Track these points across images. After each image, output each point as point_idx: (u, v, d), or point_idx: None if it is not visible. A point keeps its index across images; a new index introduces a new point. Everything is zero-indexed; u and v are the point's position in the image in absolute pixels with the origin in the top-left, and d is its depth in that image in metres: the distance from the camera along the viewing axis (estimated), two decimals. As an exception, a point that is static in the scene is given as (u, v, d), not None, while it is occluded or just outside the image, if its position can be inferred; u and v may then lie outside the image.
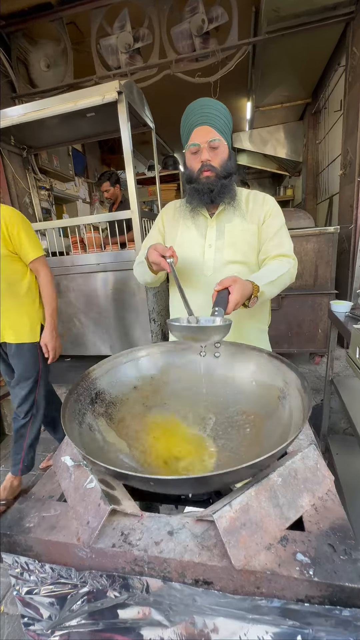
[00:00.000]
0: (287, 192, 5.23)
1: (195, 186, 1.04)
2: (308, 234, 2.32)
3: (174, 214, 1.18)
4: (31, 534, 0.49)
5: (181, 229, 1.14)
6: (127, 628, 0.50)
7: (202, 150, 0.99)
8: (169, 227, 1.17)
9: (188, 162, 1.04)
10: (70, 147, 4.06)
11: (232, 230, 1.07)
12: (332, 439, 2.14)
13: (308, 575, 0.39)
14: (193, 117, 0.98)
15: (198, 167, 1.01)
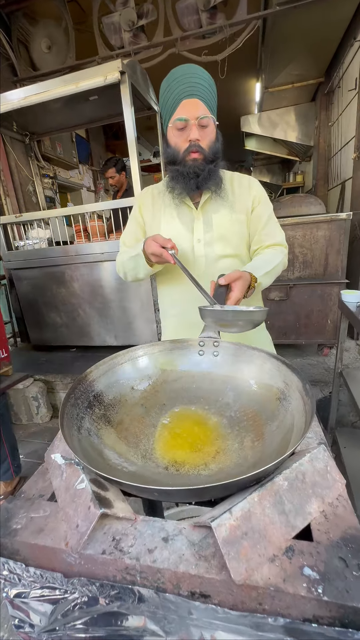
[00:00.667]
0: (297, 179, 5.05)
1: (179, 169, 0.92)
2: (318, 221, 2.22)
3: (153, 202, 1.05)
4: (17, 537, 0.46)
5: (164, 220, 1.02)
6: (120, 636, 0.47)
7: (190, 127, 0.87)
8: (149, 217, 1.05)
9: (172, 139, 0.92)
10: (74, 133, 3.97)
11: (220, 222, 0.99)
12: (340, 431, 2.10)
13: (317, 594, 0.35)
14: (180, 86, 0.85)
15: (185, 146, 0.90)
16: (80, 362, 2.79)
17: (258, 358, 0.78)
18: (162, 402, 0.79)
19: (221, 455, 0.62)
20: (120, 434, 0.67)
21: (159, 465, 0.58)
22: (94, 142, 4.77)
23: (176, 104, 0.86)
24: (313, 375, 2.44)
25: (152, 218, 1.05)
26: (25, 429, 2.53)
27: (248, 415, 0.71)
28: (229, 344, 0.83)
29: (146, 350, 0.86)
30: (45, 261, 2.72)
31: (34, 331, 3.06)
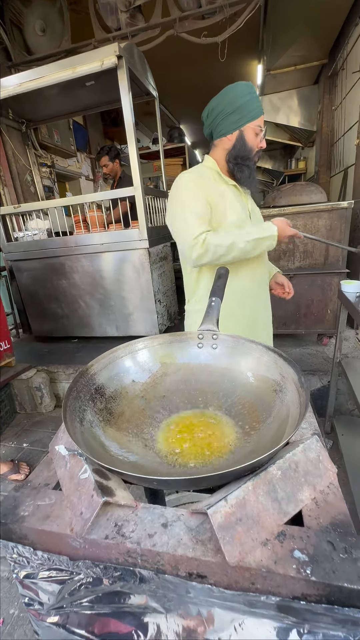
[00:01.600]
0: (299, 165, 4.96)
1: (249, 164, 1.12)
2: (319, 210, 2.20)
3: (211, 184, 1.13)
4: (25, 523, 0.48)
5: (229, 203, 1.13)
6: (123, 612, 0.50)
7: (262, 138, 1.11)
8: (210, 197, 1.10)
9: (250, 139, 1.10)
10: (71, 120, 3.89)
11: (253, 209, 1.24)
12: (338, 419, 2.14)
13: (305, 574, 0.38)
14: (259, 102, 1.08)
15: (255, 150, 1.12)
16: (82, 353, 2.82)
17: (256, 351, 0.80)
18: (162, 394, 0.81)
19: (218, 445, 0.64)
20: (121, 425, 0.70)
21: (159, 455, 0.61)
22: (92, 129, 4.68)
23: (259, 113, 1.07)
24: (312, 364, 2.47)
25: (214, 201, 1.12)
26: (30, 418, 2.58)
27: (245, 406, 0.73)
28: (228, 337, 0.85)
29: (146, 343, 0.88)
30: (45, 252, 2.72)
31: (36, 322, 3.08)
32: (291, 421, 0.58)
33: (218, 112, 1.09)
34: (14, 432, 2.43)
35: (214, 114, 1.10)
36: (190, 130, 6.61)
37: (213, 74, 4.35)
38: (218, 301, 0.89)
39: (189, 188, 1.10)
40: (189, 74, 4.28)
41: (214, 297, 0.89)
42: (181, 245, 1.11)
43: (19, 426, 2.50)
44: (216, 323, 0.85)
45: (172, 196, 1.14)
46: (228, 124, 1.09)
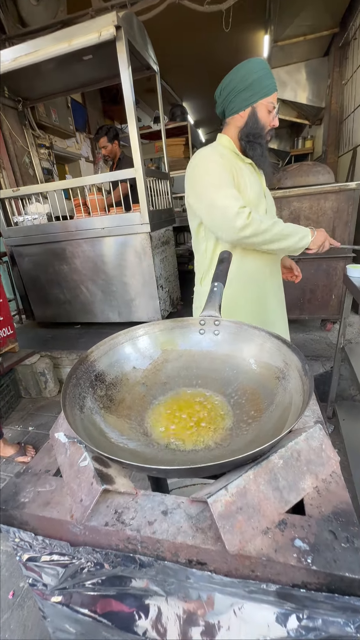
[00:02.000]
0: (306, 144, 4.79)
1: (262, 142, 1.10)
2: (326, 191, 2.12)
3: (231, 161, 1.11)
4: (26, 510, 0.49)
5: (249, 183, 1.12)
6: (125, 594, 0.51)
7: (274, 116, 1.07)
8: (232, 174, 1.09)
9: (262, 116, 1.06)
10: (69, 98, 3.75)
11: (268, 194, 1.22)
12: (340, 405, 2.14)
13: (306, 563, 0.38)
14: (273, 79, 1.04)
15: (268, 128, 1.09)
16: (85, 339, 2.83)
17: (259, 337, 0.78)
18: (163, 380, 0.81)
19: (220, 433, 0.63)
20: (121, 412, 0.69)
21: (160, 443, 0.60)
22: (91, 108, 4.51)
23: (272, 90, 1.04)
24: (315, 350, 2.45)
25: (236, 178, 1.10)
26: (35, 403, 2.61)
27: (247, 393, 0.72)
28: (230, 323, 0.83)
29: (147, 330, 0.87)
30: (45, 237, 2.68)
31: (38, 308, 3.08)
32: (294, 409, 0.57)
33: (230, 89, 1.06)
34: (19, 416, 2.47)
35: (226, 91, 1.07)
36: (193, 108, 6.36)
37: (217, 46, 4.14)
38: (220, 286, 0.86)
39: (216, 161, 1.08)
40: (191, 47, 4.07)
41: (217, 282, 0.87)
42: (219, 218, 1.06)
43: (25, 410, 2.54)
44: (218, 309, 0.84)
45: (197, 169, 1.11)
46: (240, 101, 1.06)
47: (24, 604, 1.26)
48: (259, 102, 1.04)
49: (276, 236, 1.07)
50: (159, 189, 2.76)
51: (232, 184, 1.07)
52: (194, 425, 0.66)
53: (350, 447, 1.79)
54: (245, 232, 1.04)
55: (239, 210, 1.03)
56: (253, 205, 1.12)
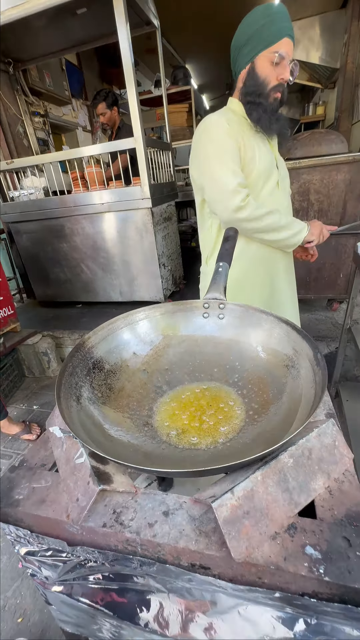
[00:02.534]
0: (318, 111, 4.48)
1: (263, 102, 0.96)
2: (339, 162, 1.99)
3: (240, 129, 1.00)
4: (20, 507, 0.46)
5: (258, 153, 1.01)
6: (125, 589, 0.50)
7: (284, 66, 0.91)
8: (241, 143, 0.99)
9: (262, 70, 0.92)
10: (64, 60, 3.48)
11: (282, 165, 1.11)
12: (344, 385, 2.12)
13: (318, 574, 0.35)
14: (284, 22, 0.87)
15: (274, 83, 0.93)
16: (87, 318, 2.79)
17: (266, 322, 0.73)
18: (165, 367, 0.77)
19: (224, 424, 0.60)
20: (121, 401, 0.66)
21: (161, 438, 0.57)
22: (88, 71, 4.20)
23: (278, 37, 0.88)
24: (320, 330, 2.41)
25: (245, 148, 1.00)
26: (38, 382, 2.63)
27: (253, 382, 0.68)
28: (235, 306, 0.78)
29: (147, 313, 0.82)
30: (43, 213, 2.58)
31: (39, 287, 3.02)
32: (304, 402, 0.54)
33: (234, 47, 0.95)
34: (24, 395, 2.50)
35: (232, 50, 0.97)
36: (197, 71, 5.92)
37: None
38: (226, 266, 0.80)
39: (223, 130, 0.97)
40: (195, 0, 3.71)
41: (221, 261, 0.81)
42: (217, 192, 0.99)
43: (29, 389, 2.56)
44: (223, 291, 0.78)
45: (202, 136, 1.01)
46: (242, 58, 0.94)
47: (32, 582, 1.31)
48: (259, 54, 0.91)
49: (270, 226, 1.01)
50: (160, 161, 2.61)
51: (236, 158, 0.98)
52: (197, 416, 0.62)
53: (352, 427, 1.79)
54: (240, 215, 0.98)
55: (236, 189, 0.95)
56: (263, 178, 1.03)
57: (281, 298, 1.22)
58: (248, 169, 1.01)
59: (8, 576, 1.30)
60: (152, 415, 0.64)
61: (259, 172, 1.01)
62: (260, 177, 1.02)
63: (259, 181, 1.03)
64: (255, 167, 1.01)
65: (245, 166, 1.01)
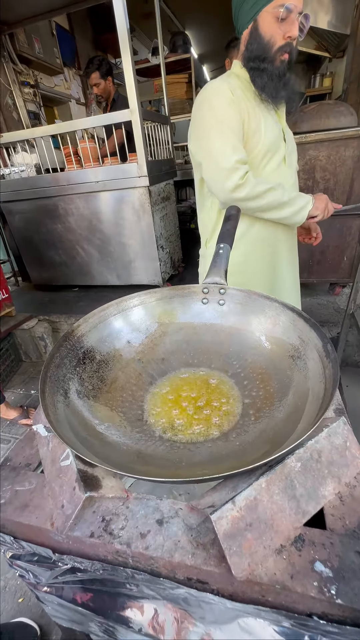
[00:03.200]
0: (325, 83, 4.23)
1: (268, 67, 0.84)
2: (347, 136, 1.86)
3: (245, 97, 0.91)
4: (1, 513, 0.42)
5: (264, 122, 0.92)
6: (118, 593, 0.47)
7: (292, 21, 0.78)
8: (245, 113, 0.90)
9: (268, 29, 0.81)
10: (54, 24, 3.23)
11: (291, 135, 1.03)
12: (344, 371, 2.10)
13: (329, 595, 0.31)
14: None
15: (280, 43, 0.82)
16: (84, 302, 2.73)
17: (270, 308, 0.68)
18: (161, 356, 0.72)
19: (224, 420, 0.56)
20: (114, 394, 0.61)
21: (155, 434, 0.53)
22: (80, 37, 3.92)
23: None
24: (322, 315, 2.36)
25: (249, 120, 0.90)
26: (36, 367, 2.60)
27: (256, 374, 0.64)
28: (237, 291, 0.72)
29: (142, 299, 0.76)
30: (35, 192, 2.46)
31: (34, 270, 2.94)
32: (312, 397, 0.49)
33: (235, 2, 0.84)
34: (21, 380, 2.47)
35: (233, 7, 0.85)
36: (198, 39, 5.55)
37: None
38: (227, 248, 0.74)
39: (225, 98, 0.87)
40: None
41: (222, 243, 0.74)
42: (214, 170, 0.91)
43: (26, 374, 2.54)
44: (224, 275, 0.72)
45: (202, 107, 0.91)
46: (243, 16, 0.83)
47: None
48: (262, 10, 0.79)
49: (272, 204, 0.94)
50: (158, 137, 2.47)
51: (238, 131, 0.88)
52: (195, 411, 0.58)
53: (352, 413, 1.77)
54: (238, 194, 0.90)
55: (235, 165, 0.87)
56: (270, 153, 0.95)
57: (284, 284, 1.16)
58: (252, 143, 0.92)
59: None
60: (147, 409, 0.60)
61: (264, 146, 0.92)
62: (265, 152, 0.94)
63: (264, 156, 0.94)
64: (260, 141, 0.92)
65: (250, 139, 0.91)
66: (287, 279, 1.16)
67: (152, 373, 0.69)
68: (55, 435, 0.48)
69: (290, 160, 1.03)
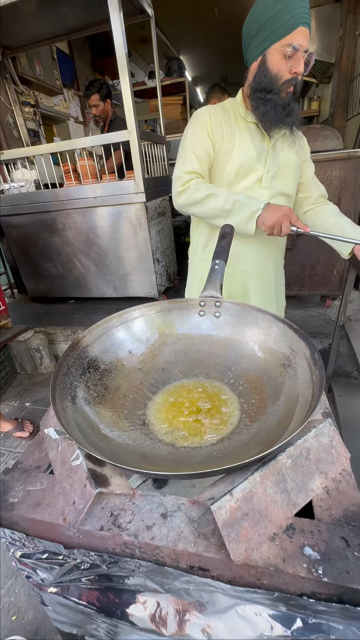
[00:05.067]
0: (312, 106, 4.45)
1: (273, 98, 0.90)
2: (333, 158, 1.98)
3: (222, 125, 0.98)
4: (15, 511, 0.45)
5: (239, 144, 0.98)
6: (122, 590, 0.49)
7: (299, 58, 0.84)
8: (219, 135, 0.98)
9: (275, 64, 0.86)
10: (55, 48, 3.38)
11: (286, 160, 1.02)
12: (336, 381, 2.15)
13: (317, 575, 0.35)
14: (298, 8, 0.79)
15: (287, 77, 0.87)
16: (80, 315, 2.76)
17: (263, 320, 0.73)
18: (161, 366, 0.76)
19: (221, 424, 0.60)
20: (117, 401, 0.65)
21: (157, 437, 0.57)
22: (80, 60, 4.09)
23: (292, 27, 0.80)
24: (314, 326, 2.43)
25: (222, 142, 0.98)
26: (31, 379, 2.60)
27: (250, 381, 0.68)
28: (232, 304, 0.77)
29: (143, 311, 0.81)
30: (34, 207, 2.52)
31: (30, 282, 2.97)
32: (302, 401, 0.54)
33: (245, 35, 0.90)
34: (16, 392, 2.46)
35: (243, 39, 0.92)
36: (191, 63, 5.83)
37: (218, -13, 3.70)
38: (222, 264, 0.80)
39: (200, 120, 0.98)
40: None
41: (218, 259, 0.80)
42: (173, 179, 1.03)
43: (21, 386, 2.53)
44: (219, 289, 0.77)
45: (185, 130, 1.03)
46: (252, 50, 0.90)
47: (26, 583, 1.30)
48: (271, 47, 0.84)
49: (212, 211, 0.96)
50: (154, 154, 2.57)
51: (198, 148, 0.98)
52: (193, 415, 0.62)
53: (344, 422, 1.81)
54: (178, 200, 1.00)
55: (180, 174, 0.98)
56: (240, 173, 1.00)
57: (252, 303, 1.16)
58: (224, 161, 1.00)
59: (2, 574, 1.29)
60: (148, 414, 0.64)
61: (234, 165, 0.99)
62: (236, 171, 1.00)
63: (236, 175, 1.00)
64: (230, 160, 0.99)
65: (221, 158, 1.00)
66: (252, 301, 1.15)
67: (153, 381, 0.73)
68: (64, 438, 0.52)
69: (271, 183, 1.02)
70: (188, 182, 0.97)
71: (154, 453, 0.52)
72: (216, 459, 0.51)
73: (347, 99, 3.35)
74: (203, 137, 0.97)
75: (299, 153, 1.05)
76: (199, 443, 0.56)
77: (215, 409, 0.63)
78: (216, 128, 0.97)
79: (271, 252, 1.15)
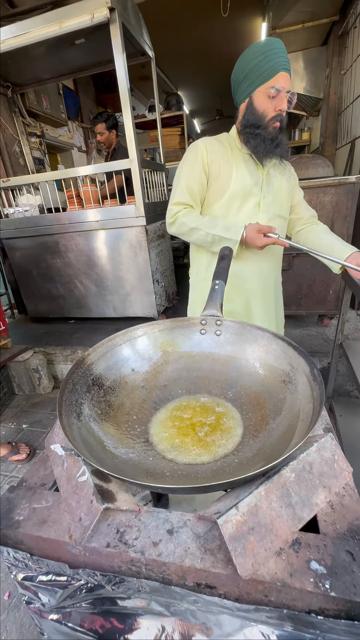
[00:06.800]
0: (303, 136, 4.71)
1: (262, 133, 1.01)
2: (326, 185, 2.09)
3: (220, 156, 1.07)
4: (20, 529, 0.45)
5: (236, 173, 1.07)
6: (126, 614, 0.48)
7: (281, 98, 0.96)
8: (215, 170, 1.07)
9: (260, 104, 0.99)
10: (61, 85, 3.61)
11: (280, 186, 1.12)
12: (337, 400, 2.14)
13: (324, 589, 0.35)
14: (278, 57, 0.92)
15: (272, 115, 0.99)
16: (80, 334, 2.77)
17: (263, 338, 0.75)
18: (163, 383, 0.77)
19: (224, 440, 0.61)
20: (121, 418, 0.66)
21: (161, 454, 0.57)
22: (84, 95, 4.36)
23: (273, 72, 0.93)
24: (312, 346, 2.45)
25: (219, 171, 1.07)
26: (29, 399, 2.57)
27: (251, 397, 0.69)
28: (232, 323, 0.80)
29: (146, 330, 0.83)
30: (37, 230, 2.60)
31: (31, 303, 3.00)
32: (303, 417, 0.55)
33: (234, 81, 1.03)
34: (13, 413, 2.43)
35: (232, 84, 1.04)
36: (189, 98, 6.21)
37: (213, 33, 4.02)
38: (222, 284, 0.83)
39: (196, 151, 1.08)
40: (187, 33, 3.94)
41: (217, 279, 0.83)
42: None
43: (18, 407, 2.50)
44: (220, 308, 0.80)
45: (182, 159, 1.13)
46: (240, 93, 1.02)
47: (20, 605, 1.24)
48: (256, 90, 0.97)
49: (199, 241, 1.08)
50: (154, 181, 2.69)
51: (191, 180, 1.07)
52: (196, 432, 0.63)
53: (346, 442, 1.79)
54: (170, 229, 1.12)
55: (171, 206, 1.09)
56: (238, 200, 1.08)
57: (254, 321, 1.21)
58: (221, 191, 1.08)
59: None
60: (152, 431, 0.64)
61: (232, 192, 1.07)
62: (234, 197, 1.08)
63: (233, 202, 1.08)
64: (228, 189, 1.07)
65: (219, 188, 1.08)
66: (256, 317, 1.23)
67: (156, 399, 0.73)
68: (70, 454, 0.52)
69: (269, 208, 1.11)
70: (176, 214, 1.07)
71: (157, 470, 0.52)
72: (220, 474, 0.51)
73: (336, 130, 3.56)
74: (197, 166, 1.06)
75: (290, 179, 1.15)
76: (202, 460, 0.56)
77: (217, 426, 0.64)
78: (212, 157, 1.06)
79: (271, 269, 1.23)
